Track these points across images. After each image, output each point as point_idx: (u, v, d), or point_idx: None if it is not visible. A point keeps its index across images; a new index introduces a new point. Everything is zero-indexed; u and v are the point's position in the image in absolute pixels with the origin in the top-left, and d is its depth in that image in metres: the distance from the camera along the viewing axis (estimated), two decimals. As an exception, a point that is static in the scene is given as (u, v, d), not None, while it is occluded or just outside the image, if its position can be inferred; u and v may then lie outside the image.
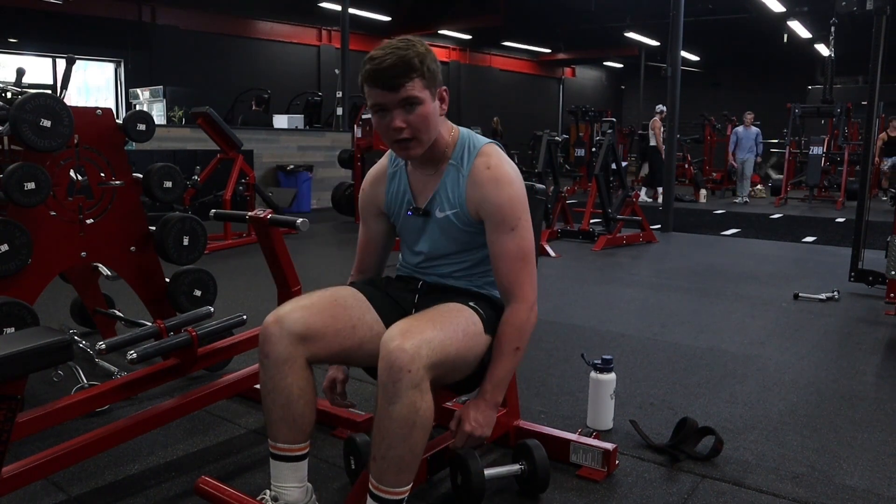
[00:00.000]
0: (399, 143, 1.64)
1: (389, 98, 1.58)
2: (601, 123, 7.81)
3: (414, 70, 1.56)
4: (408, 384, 1.43)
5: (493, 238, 1.70)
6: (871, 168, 4.82)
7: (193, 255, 2.94)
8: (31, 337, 1.53)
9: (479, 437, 1.68)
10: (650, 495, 1.97)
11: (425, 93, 1.60)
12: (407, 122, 1.60)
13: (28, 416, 1.83)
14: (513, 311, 1.70)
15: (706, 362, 3.18)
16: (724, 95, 20.61)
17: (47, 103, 2.44)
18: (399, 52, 1.56)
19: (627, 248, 6.67)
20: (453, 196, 1.73)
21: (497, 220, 1.68)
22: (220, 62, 14.05)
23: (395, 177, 1.84)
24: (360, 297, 1.74)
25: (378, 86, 1.57)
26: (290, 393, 1.59)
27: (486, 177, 1.68)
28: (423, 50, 1.60)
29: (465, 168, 1.72)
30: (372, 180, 1.90)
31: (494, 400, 1.69)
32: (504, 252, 1.69)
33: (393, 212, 1.87)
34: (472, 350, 1.64)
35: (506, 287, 1.71)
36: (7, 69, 11.43)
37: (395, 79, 1.55)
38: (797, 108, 12.07)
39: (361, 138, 7.94)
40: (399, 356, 1.44)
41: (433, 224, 1.78)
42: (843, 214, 10.00)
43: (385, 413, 1.46)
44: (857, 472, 2.12)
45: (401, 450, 1.47)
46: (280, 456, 1.62)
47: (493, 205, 1.67)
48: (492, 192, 1.67)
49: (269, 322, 1.61)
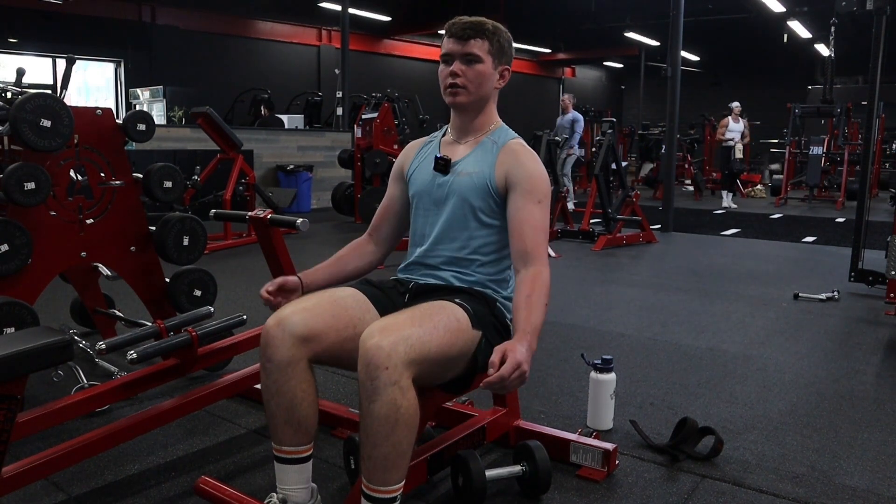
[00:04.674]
0: (450, 88, 1.79)
1: (456, 48, 1.76)
2: (601, 123, 7.81)
3: (485, 34, 1.77)
4: (386, 381, 1.43)
5: (520, 204, 1.75)
6: (871, 168, 4.82)
7: (193, 255, 2.94)
8: (31, 337, 1.53)
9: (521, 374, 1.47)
10: (650, 495, 1.97)
11: (488, 57, 1.77)
12: (463, 73, 1.77)
13: (28, 416, 1.83)
14: (538, 271, 1.68)
15: (706, 362, 3.18)
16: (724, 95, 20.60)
17: (47, 103, 2.44)
18: (480, 19, 1.79)
19: (627, 248, 6.67)
20: (482, 162, 1.81)
21: (527, 188, 1.75)
22: (220, 62, 14.05)
23: (429, 144, 1.95)
24: (360, 298, 1.74)
25: (451, 35, 1.77)
26: (293, 396, 1.59)
27: (521, 150, 1.81)
28: (501, 28, 1.81)
29: (500, 142, 1.83)
30: (407, 149, 2.01)
31: (532, 346, 1.56)
32: (530, 218, 1.74)
33: (415, 172, 1.91)
34: (456, 346, 1.61)
35: (527, 251, 1.71)
36: (7, 69, 11.43)
37: (466, 32, 1.75)
38: (797, 108, 12.06)
39: (361, 138, 7.94)
40: (376, 354, 1.44)
41: (454, 183, 1.81)
42: (843, 214, 10.00)
43: (367, 412, 1.46)
44: (857, 472, 2.12)
45: (384, 448, 1.46)
46: (286, 459, 1.62)
47: (526, 173, 1.76)
48: (526, 163, 1.78)
49: (270, 325, 1.61)
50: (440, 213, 1.83)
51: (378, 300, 1.76)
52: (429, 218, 1.86)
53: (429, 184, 1.85)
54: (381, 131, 7.66)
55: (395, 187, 1.99)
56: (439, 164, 1.83)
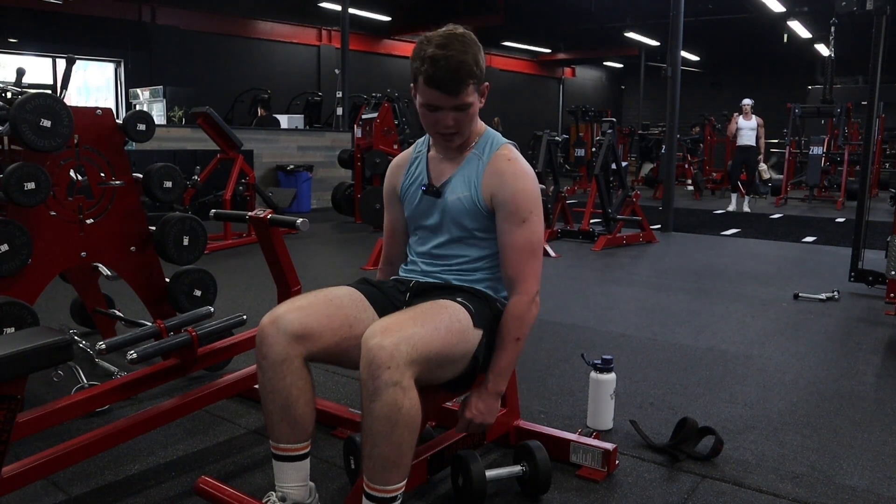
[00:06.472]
0: (443, 136, 1.75)
1: (445, 101, 1.67)
2: (601, 123, 7.81)
3: (472, 77, 1.66)
4: (387, 381, 1.43)
5: (503, 227, 1.75)
6: (871, 168, 4.82)
7: (193, 255, 2.94)
8: (31, 337, 1.53)
9: (480, 424, 1.76)
10: (650, 495, 1.97)
11: (475, 95, 1.71)
12: (455, 120, 1.71)
13: (28, 416, 1.83)
14: (515, 301, 1.75)
15: (706, 362, 3.18)
16: (724, 95, 20.61)
17: (47, 103, 2.44)
18: (458, 57, 1.63)
19: (627, 248, 6.67)
20: (469, 181, 1.78)
21: (510, 210, 1.73)
22: (220, 62, 14.06)
23: (416, 161, 1.91)
24: (356, 297, 1.74)
25: (436, 88, 1.65)
26: (289, 393, 1.59)
27: (505, 167, 1.75)
28: (476, 49, 1.68)
29: (485, 157, 1.79)
30: (394, 167, 1.96)
31: (496, 389, 1.76)
32: (512, 243, 1.74)
33: (407, 194, 1.89)
34: (459, 346, 1.63)
35: (510, 277, 1.76)
36: (7, 69, 11.44)
37: (455, 86, 1.64)
38: (797, 108, 12.06)
39: (361, 138, 7.94)
40: (378, 353, 1.44)
41: (444, 207, 1.80)
42: (843, 214, 10.00)
43: (368, 411, 1.47)
44: (857, 472, 2.12)
45: (385, 448, 1.47)
46: (283, 456, 1.63)
47: (509, 194, 1.73)
48: (509, 182, 1.74)
49: (265, 323, 1.62)
50: (436, 236, 1.85)
51: (376, 299, 1.76)
52: (427, 239, 1.87)
53: (422, 209, 1.85)
54: (381, 131, 7.66)
55: (393, 209, 1.98)
56: (429, 191, 1.83)
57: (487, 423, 1.77)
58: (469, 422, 1.76)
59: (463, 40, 1.66)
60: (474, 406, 1.75)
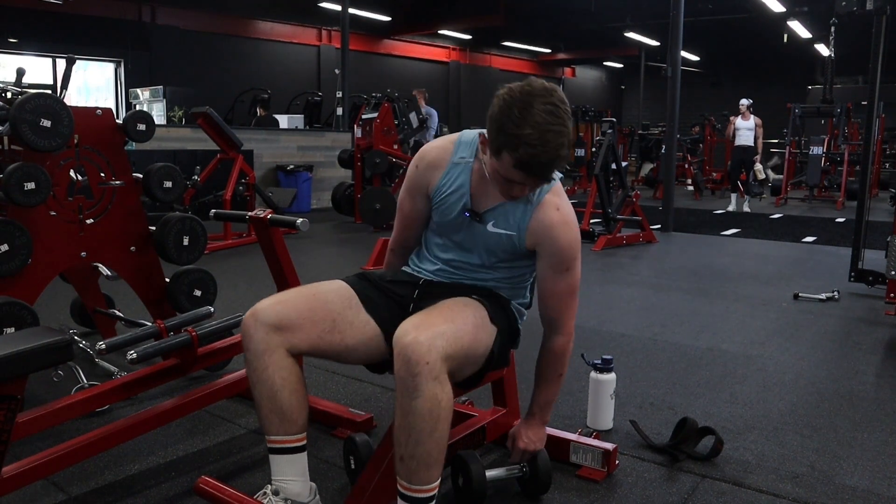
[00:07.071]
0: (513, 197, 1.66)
1: (530, 181, 1.57)
2: (601, 123, 7.81)
3: (564, 161, 1.56)
4: (427, 376, 1.44)
5: (546, 274, 1.76)
6: (871, 168, 4.82)
7: (193, 255, 2.94)
8: (31, 337, 1.53)
9: (533, 451, 1.90)
10: (650, 495, 1.97)
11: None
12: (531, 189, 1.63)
13: (28, 416, 1.83)
14: (556, 341, 1.84)
15: (706, 362, 3.18)
16: (724, 95, 20.61)
17: (47, 103, 2.44)
18: (557, 151, 1.49)
19: (627, 248, 6.67)
20: (514, 219, 1.71)
21: (555, 261, 1.74)
22: (220, 62, 14.06)
23: (458, 169, 1.76)
24: (344, 293, 1.74)
25: (526, 173, 1.52)
26: (272, 383, 1.61)
27: (555, 218, 1.70)
28: (570, 126, 1.53)
29: (534, 199, 1.70)
30: (431, 161, 1.79)
31: (543, 419, 1.93)
32: (555, 290, 1.77)
33: (441, 202, 1.77)
34: (483, 341, 1.66)
35: (551, 319, 1.82)
36: (7, 69, 11.44)
37: (548, 174, 1.55)
38: (797, 108, 12.05)
39: (361, 138, 7.94)
40: (415, 349, 1.44)
41: (481, 233, 1.75)
42: (843, 214, 10.00)
43: (408, 409, 1.46)
44: (857, 472, 2.13)
45: (428, 445, 1.47)
46: (276, 449, 1.64)
47: (556, 247, 1.72)
48: (558, 234, 1.70)
49: (246, 317, 1.66)
50: (464, 252, 1.81)
51: (369, 297, 1.76)
52: (451, 250, 1.83)
53: (456, 224, 1.78)
54: (381, 131, 7.66)
55: (418, 202, 1.83)
56: (474, 217, 1.74)
57: (539, 448, 1.91)
58: (523, 452, 1.89)
59: (563, 122, 1.49)
60: (525, 436, 1.89)
